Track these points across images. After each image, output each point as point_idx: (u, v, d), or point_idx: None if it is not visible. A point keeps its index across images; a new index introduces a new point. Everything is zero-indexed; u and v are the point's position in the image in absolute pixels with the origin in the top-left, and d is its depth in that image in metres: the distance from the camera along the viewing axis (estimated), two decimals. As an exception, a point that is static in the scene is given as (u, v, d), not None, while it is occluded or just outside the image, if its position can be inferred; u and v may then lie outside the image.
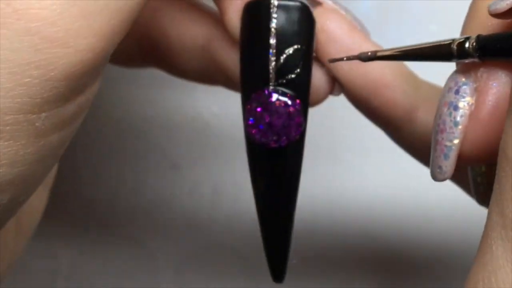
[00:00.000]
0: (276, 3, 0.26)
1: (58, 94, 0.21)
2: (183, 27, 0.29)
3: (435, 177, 0.24)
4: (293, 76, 0.26)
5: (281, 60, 0.26)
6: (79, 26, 0.21)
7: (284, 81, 0.26)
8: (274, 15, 0.26)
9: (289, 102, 0.26)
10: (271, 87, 0.26)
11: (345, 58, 0.26)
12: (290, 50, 0.26)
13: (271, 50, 0.26)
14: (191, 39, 0.29)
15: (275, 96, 0.26)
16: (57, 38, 0.20)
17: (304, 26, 0.26)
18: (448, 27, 0.27)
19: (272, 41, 0.26)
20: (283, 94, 0.26)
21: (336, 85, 0.28)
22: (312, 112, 0.28)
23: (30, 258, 0.46)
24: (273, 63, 0.26)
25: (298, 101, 0.26)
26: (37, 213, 0.33)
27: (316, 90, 0.28)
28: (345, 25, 0.27)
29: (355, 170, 0.45)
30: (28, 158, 0.22)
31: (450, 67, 0.25)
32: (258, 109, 0.26)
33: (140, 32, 0.30)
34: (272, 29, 0.26)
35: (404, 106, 0.28)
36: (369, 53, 0.25)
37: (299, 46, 0.26)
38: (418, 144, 0.29)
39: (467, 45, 0.23)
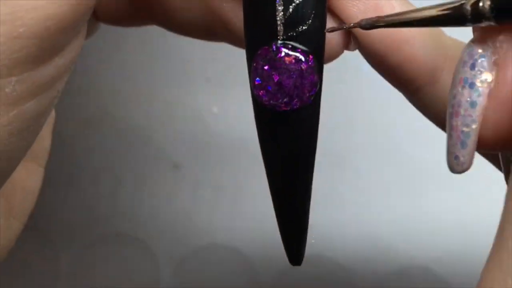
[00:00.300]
0: None
1: (29, 54, 0.18)
2: None
3: (453, 169, 0.21)
4: (304, 27, 0.23)
5: (290, 10, 0.22)
6: None
7: (294, 33, 0.23)
8: None
9: (301, 58, 0.22)
10: (279, 41, 0.23)
11: (345, 27, 0.23)
12: None
13: None
14: None
15: (284, 52, 0.22)
16: None
17: None
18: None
19: None
20: (294, 49, 0.23)
21: (352, 38, 0.25)
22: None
23: (30, 258, 0.45)
24: (281, 13, 0.22)
25: (311, 56, 0.23)
26: (31, 193, 0.30)
27: (329, 44, 0.24)
28: None
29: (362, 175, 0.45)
30: (0, 130, 0.19)
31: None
32: (266, 67, 0.23)
33: None
34: None
35: (426, 65, 0.24)
36: (371, 20, 0.21)
37: None
38: (439, 109, 0.25)
39: (481, 4, 0.19)
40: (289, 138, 0.24)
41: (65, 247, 0.46)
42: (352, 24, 0.23)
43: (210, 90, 0.46)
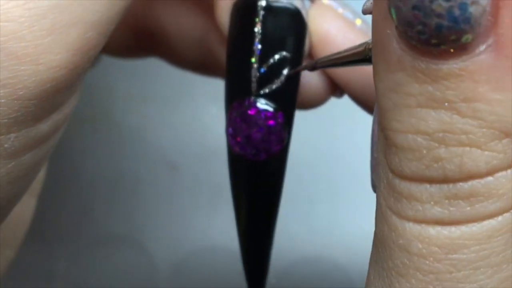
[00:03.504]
0: (263, 3, 0.24)
1: (28, 114, 0.19)
2: (180, 18, 0.28)
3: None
4: (277, 86, 0.24)
5: (265, 68, 0.24)
6: (50, 40, 0.19)
7: (267, 91, 0.24)
8: (260, 18, 0.24)
9: (270, 115, 0.24)
10: (252, 98, 0.24)
11: (297, 69, 0.24)
12: (275, 58, 0.24)
13: (254, 57, 0.24)
14: (188, 31, 0.28)
15: (255, 107, 0.24)
16: (26, 54, 0.18)
17: (293, 32, 0.24)
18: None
19: (256, 47, 0.24)
20: (265, 105, 0.24)
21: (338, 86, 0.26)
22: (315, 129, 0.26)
23: (26, 259, 0.45)
24: (256, 71, 0.24)
25: (280, 113, 0.24)
26: (22, 223, 0.31)
27: (313, 93, 0.26)
28: (339, 24, 0.25)
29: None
30: None
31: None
32: (238, 120, 0.24)
33: (135, 24, 0.29)
34: (257, 34, 0.24)
35: None
36: (312, 62, 0.23)
37: (285, 54, 0.24)
38: None
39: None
40: (255, 184, 0.26)
41: (62, 248, 0.46)
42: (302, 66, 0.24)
43: (209, 91, 0.46)
